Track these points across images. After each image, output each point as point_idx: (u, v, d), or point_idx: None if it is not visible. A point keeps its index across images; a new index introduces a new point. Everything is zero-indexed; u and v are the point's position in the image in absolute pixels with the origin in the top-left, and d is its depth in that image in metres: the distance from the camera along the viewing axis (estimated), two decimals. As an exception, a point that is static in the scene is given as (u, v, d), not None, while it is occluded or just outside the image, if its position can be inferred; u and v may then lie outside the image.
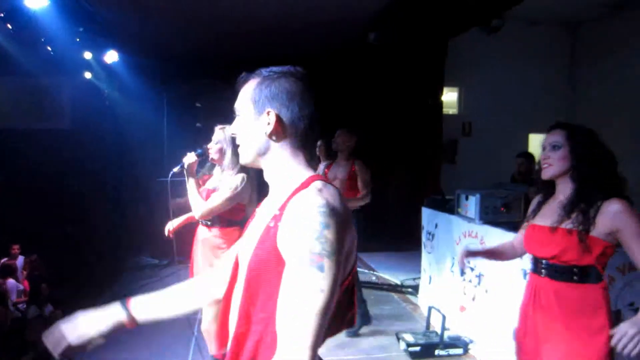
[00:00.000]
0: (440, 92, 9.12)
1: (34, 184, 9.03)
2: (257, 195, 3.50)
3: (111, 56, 7.56)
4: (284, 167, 1.32)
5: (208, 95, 8.62)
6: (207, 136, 6.36)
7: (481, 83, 9.76)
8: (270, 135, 1.30)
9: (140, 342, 4.77)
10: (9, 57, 7.85)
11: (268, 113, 1.29)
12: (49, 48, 7.17)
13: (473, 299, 4.67)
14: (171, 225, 3.87)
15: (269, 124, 1.29)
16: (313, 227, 1.12)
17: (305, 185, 1.24)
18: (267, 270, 1.21)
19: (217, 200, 3.30)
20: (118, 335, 4.45)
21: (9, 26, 6.27)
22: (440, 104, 9.19)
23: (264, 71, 1.35)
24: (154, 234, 7.89)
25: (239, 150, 1.38)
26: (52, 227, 8.78)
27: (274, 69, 1.34)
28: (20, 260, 6.91)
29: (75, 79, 8.70)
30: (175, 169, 3.55)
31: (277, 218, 1.21)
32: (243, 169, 3.31)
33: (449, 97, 10.03)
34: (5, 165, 9.29)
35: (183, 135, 7.62)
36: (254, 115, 1.33)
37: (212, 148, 3.46)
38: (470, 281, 4.74)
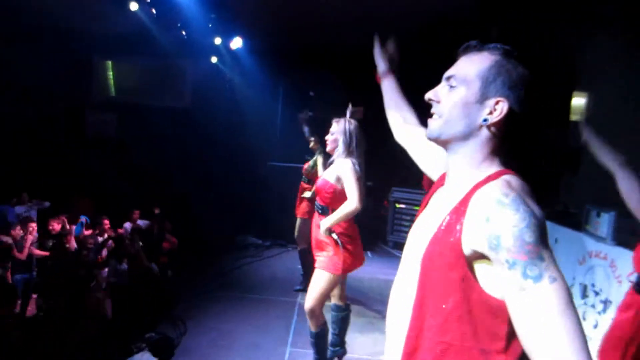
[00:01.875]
0: (570, 97, 8.28)
1: (152, 156, 9.96)
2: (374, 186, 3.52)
3: (236, 42, 7.98)
4: (479, 158, 1.17)
5: (321, 85, 8.75)
6: (319, 125, 6.45)
7: (611, 88, 8.70)
8: (489, 125, 1.15)
9: (244, 320, 5.02)
10: (147, 39, 8.70)
11: (498, 102, 1.13)
12: (184, 32, 7.77)
13: (595, 327, 4.19)
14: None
15: (491, 112, 1.14)
16: (514, 220, 0.99)
17: (492, 177, 1.11)
18: (441, 268, 1.09)
19: (354, 186, 3.28)
20: (223, 311, 4.69)
21: (154, 11, 6.89)
22: (568, 110, 8.36)
23: (506, 49, 1.16)
24: (258, 216, 8.31)
25: (433, 121, 1.23)
26: (165, 198, 9.62)
27: (513, 50, 1.16)
28: (141, 223, 7.61)
29: (199, 62, 9.38)
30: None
31: (458, 212, 1.10)
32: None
33: (575, 102, 9.06)
34: (129, 135, 10.39)
35: (296, 123, 7.80)
36: (475, 95, 1.15)
37: (329, 139, 3.51)
38: (592, 306, 4.26)
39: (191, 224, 7.93)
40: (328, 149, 3.57)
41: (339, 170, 3.37)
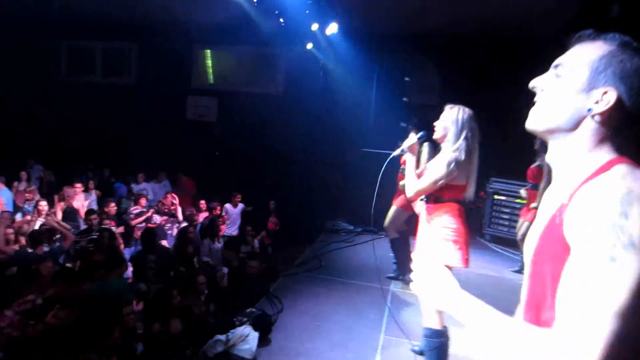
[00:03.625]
0: None
1: (246, 141, 10.37)
2: (477, 177, 3.31)
3: (332, 28, 7.97)
4: (586, 151, 1.11)
5: (417, 70, 8.50)
6: (414, 112, 6.26)
7: None
8: (593, 115, 1.09)
9: (337, 304, 5.06)
10: (245, 28, 9.00)
11: (605, 93, 1.07)
12: (281, 20, 7.91)
13: None
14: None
15: (598, 102, 1.08)
16: (608, 215, 0.94)
17: (604, 168, 1.05)
18: (550, 263, 1.06)
19: (426, 181, 3.20)
20: (317, 293, 4.72)
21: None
22: None
23: (623, 39, 1.10)
24: (350, 201, 8.33)
25: (536, 110, 1.18)
26: (257, 183, 9.97)
27: (632, 42, 1.09)
28: (240, 207, 7.97)
29: (293, 50, 9.53)
30: (395, 153, 3.51)
31: (566, 206, 1.06)
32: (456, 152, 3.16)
33: None
34: (224, 122, 10.91)
35: (390, 108, 7.66)
36: (582, 84, 1.10)
37: (438, 126, 3.33)
38: None
39: (283, 207, 8.14)
40: (435, 136, 3.39)
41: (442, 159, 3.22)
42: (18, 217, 6.94)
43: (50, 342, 3.32)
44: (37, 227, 6.50)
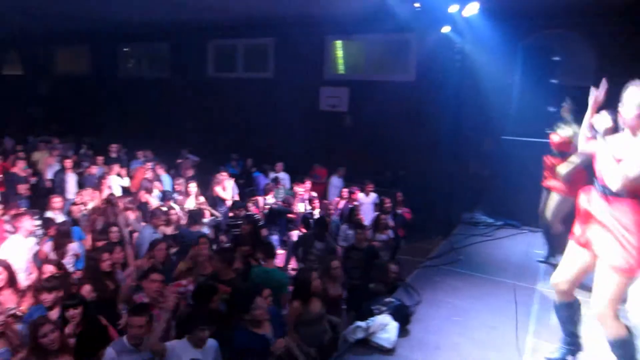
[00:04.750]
0: None
1: (377, 130, 10.33)
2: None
3: (472, 8, 7.52)
4: None
5: (568, 48, 7.63)
6: (565, 94, 5.62)
7: None
8: None
9: (478, 300, 4.82)
10: (375, 16, 8.93)
11: None
12: (417, 5, 7.68)
13: None
14: None
15: None
16: None
17: None
18: None
19: (635, 167, 2.75)
20: (456, 287, 4.51)
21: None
22: None
23: None
24: (490, 192, 7.85)
25: None
26: (388, 172, 9.90)
27: None
28: (373, 197, 8.00)
29: (426, 34, 9.19)
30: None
31: None
32: None
33: None
34: (355, 112, 10.95)
35: (536, 92, 7.00)
36: None
37: (629, 112, 2.86)
38: None
39: (416, 198, 7.98)
40: (628, 124, 2.91)
41: None
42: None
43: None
44: (186, 206, 7.31)
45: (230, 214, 7.24)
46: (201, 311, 3.78)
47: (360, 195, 7.92)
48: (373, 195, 7.98)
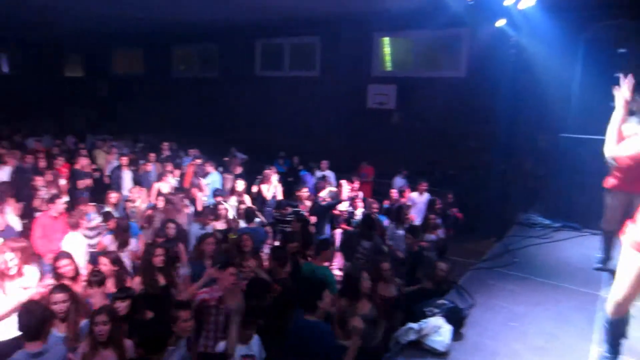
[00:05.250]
0: None
1: (426, 128, 10.12)
2: None
3: (528, 1, 7.21)
4: None
5: (635, 41, 7.14)
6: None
7: None
8: None
9: (537, 305, 4.61)
10: (425, 12, 8.74)
11: None
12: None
13: None
14: None
15: None
16: None
17: None
18: None
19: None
20: (513, 291, 4.31)
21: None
22: None
23: None
24: (547, 193, 7.49)
25: None
26: (438, 171, 9.67)
27: None
28: (426, 197, 7.82)
29: (478, 29, 8.90)
30: None
31: None
32: None
33: None
34: (404, 109, 10.79)
35: (598, 87, 6.59)
36: None
37: None
38: None
39: (468, 197, 7.75)
40: None
41: None
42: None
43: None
44: (231, 204, 7.43)
45: (277, 212, 7.30)
46: (251, 307, 3.83)
47: (413, 195, 7.78)
48: (427, 195, 7.81)
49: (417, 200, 7.78)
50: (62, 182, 7.88)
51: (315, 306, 3.59)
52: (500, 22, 8.00)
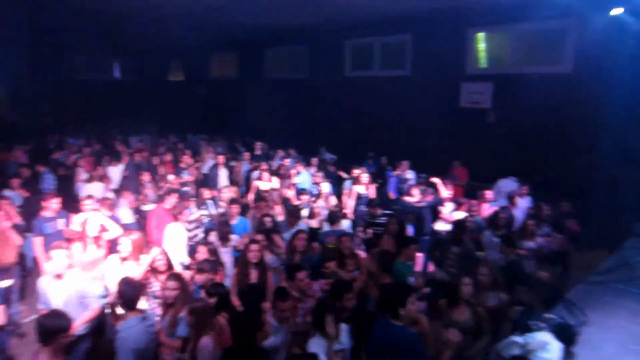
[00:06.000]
0: None
1: (525, 128, 9.44)
2: None
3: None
4: None
5: None
6: None
7: None
8: None
9: None
10: (524, 4, 8.13)
11: None
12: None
13: None
14: None
15: None
16: None
17: None
18: None
19: None
20: (635, 310, 3.81)
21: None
22: None
23: None
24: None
25: None
26: (539, 175, 8.97)
27: None
28: (527, 201, 7.32)
29: (588, 19, 8.11)
30: None
31: None
32: None
33: None
34: (500, 108, 10.16)
35: None
36: None
37: None
38: None
39: (574, 203, 7.10)
40: None
41: None
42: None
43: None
44: (320, 205, 7.45)
45: (369, 213, 7.22)
46: (333, 307, 3.82)
47: (522, 200, 7.30)
48: (527, 199, 7.30)
49: (519, 205, 7.29)
50: (170, 177, 8.52)
51: (398, 313, 3.48)
52: (617, 10, 7.24)
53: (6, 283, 5.23)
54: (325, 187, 7.86)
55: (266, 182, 8.10)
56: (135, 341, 3.50)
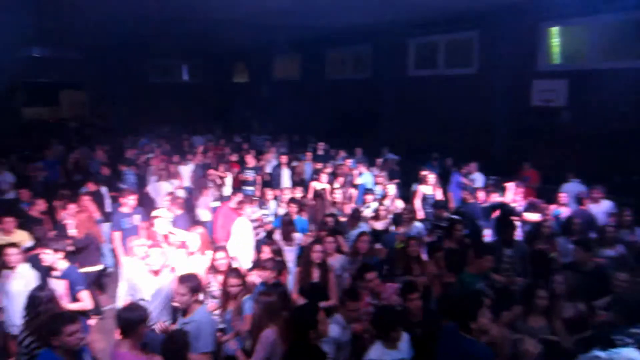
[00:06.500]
0: None
1: (605, 128, 8.81)
2: None
3: None
4: None
5: None
6: None
7: None
8: None
9: None
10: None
11: None
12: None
13: None
14: None
15: None
16: None
17: None
18: None
19: None
20: None
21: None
22: None
23: None
24: None
25: None
26: (619, 177, 8.36)
27: None
28: (605, 205, 6.85)
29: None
30: None
31: None
32: None
33: None
34: (576, 107, 9.53)
35: None
36: None
37: None
38: None
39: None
40: None
41: None
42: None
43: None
44: (385, 206, 7.34)
45: (435, 214, 7.04)
46: (396, 311, 3.75)
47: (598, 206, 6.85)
48: (605, 204, 6.80)
49: (594, 210, 6.81)
50: (229, 178, 8.82)
51: (469, 327, 3.34)
52: None
53: (96, 268, 5.65)
54: (392, 188, 7.74)
55: (321, 183, 8.14)
56: (212, 326, 3.73)
